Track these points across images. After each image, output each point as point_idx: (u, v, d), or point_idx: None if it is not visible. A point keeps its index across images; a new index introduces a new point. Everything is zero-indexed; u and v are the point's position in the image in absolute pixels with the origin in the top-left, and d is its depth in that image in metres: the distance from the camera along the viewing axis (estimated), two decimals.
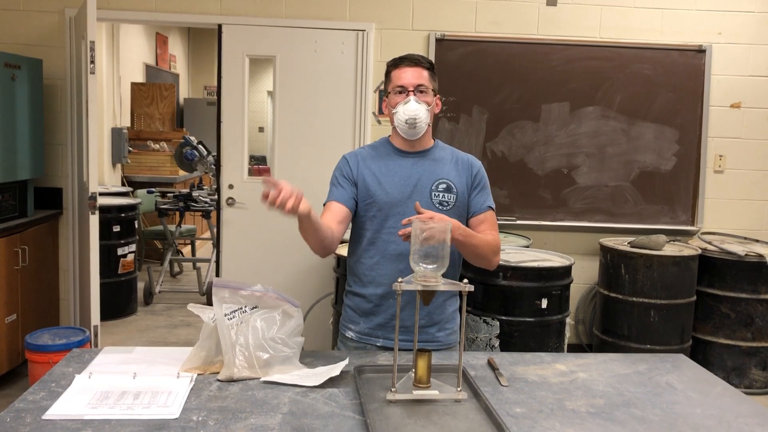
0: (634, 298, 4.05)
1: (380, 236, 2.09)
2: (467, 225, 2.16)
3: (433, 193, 2.10)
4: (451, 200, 2.11)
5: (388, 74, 2.15)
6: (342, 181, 2.14)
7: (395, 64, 2.13)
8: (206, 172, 6.48)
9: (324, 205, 2.17)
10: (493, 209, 2.20)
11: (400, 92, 2.08)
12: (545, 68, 4.44)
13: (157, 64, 8.71)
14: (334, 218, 2.07)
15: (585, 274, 4.58)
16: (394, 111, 2.09)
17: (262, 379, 1.72)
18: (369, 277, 2.12)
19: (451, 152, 2.21)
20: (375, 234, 2.10)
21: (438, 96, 2.16)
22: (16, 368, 3.98)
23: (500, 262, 3.51)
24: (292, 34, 4.31)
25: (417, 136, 2.11)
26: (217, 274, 4.48)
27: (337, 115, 4.37)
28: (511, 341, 3.52)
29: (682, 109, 4.52)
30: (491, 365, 1.92)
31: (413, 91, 2.07)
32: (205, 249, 7.78)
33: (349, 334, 2.17)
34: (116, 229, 5.31)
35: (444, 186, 2.11)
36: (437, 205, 2.09)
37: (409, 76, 2.08)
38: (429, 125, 2.13)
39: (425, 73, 2.10)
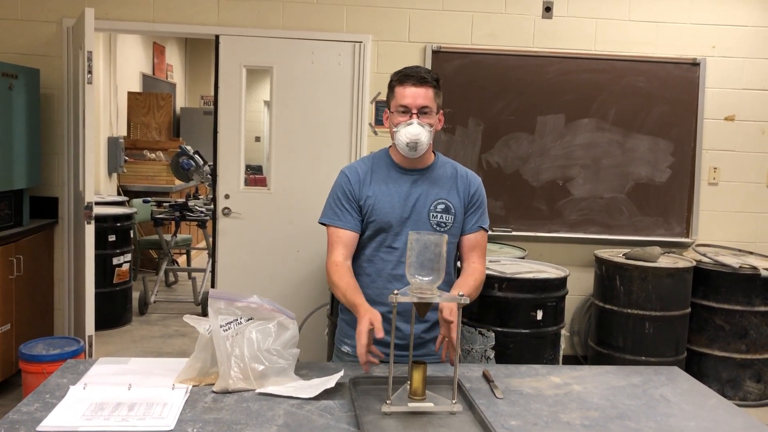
0: (629, 310, 4.06)
1: (378, 255, 2.09)
2: (459, 243, 2.15)
3: (431, 214, 2.08)
4: (449, 221, 2.09)
5: (391, 88, 2.08)
6: (348, 203, 2.10)
7: (400, 80, 2.04)
8: (202, 182, 6.48)
9: (328, 226, 2.12)
10: (486, 230, 2.16)
11: (403, 112, 2.03)
12: (541, 80, 4.47)
13: (154, 73, 8.72)
14: (349, 250, 2.09)
15: (580, 286, 4.59)
16: (395, 129, 2.04)
17: (258, 390, 1.72)
18: (365, 295, 2.11)
19: (452, 168, 2.17)
20: (372, 253, 2.09)
21: (441, 111, 2.11)
22: (9, 378, 3.96)
23: (495, 274, 3.55)
24: (290, 45, 4.33)
25: (417, 156, 2.07)
26: (213, 284, 4.47)
27: (334, 125, 4.39)
28: (506, 353, 3.52)
29: (676, 122, 4.54)
30: (486, 377, 1.92)
31: (417, 113, 2.01)
32: (200, 259, 7.77)
33: (345, 348, 2.17)
34: (112, 238, 5.30)
35: (443, 207, 2.09)
36: (435, 227, 2.07)
37: (413, 96, 2.01)
38: (429, 144, 2.09)
39: (431, 93, 2.02)
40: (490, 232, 2.21)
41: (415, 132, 2.00)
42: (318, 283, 4.31)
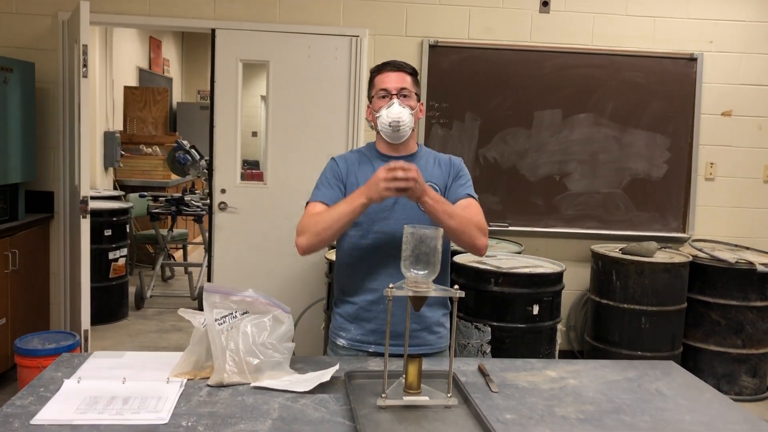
0: (626, 305, 4.06)
1: (367, 243, 2.09)
2: None
3: None
4: None
5: (371, 80, 2.16)
6: (333, 181, 2.13)
7: (378, 69, 2.14)
8: (199, 177, 6.47)
9: (308, 203, 2.12)
10: (474, 198, 2.14)
11: (384, 96, 2.09)
12: (538, 75, 4.46)
13: (150, 68, 8.70)
14: None
15: (576, 281, 4.59)
16: (377, 115, 2.09)
17: (252, 384, 1.72)
18: (357, 284, 2.12)
19: (433, 156, 2.21)
20: (361, 240, 2.10)
21: (421, 102, 2.17)
22: (5, 372, 3.95)
23: (492, 268, 3.55)
24: (286, 39, 4.31)
25: (401, 140, 2.11)
26: (209, 279, 4.47)
27: (331, 120, 4.38)
28: (502, 347, 3.53)
29: (673, 117, 4.54)
30: (482, 371, 1.92)
31: (396, 94, 2.07)
32: (196, 254, 7.76)
33: (340, 341, 2.16)
34: (108, 233, 5.29)
35: None
36: (422, 210, 2.09)
37: (392, 80, 2.09)
38: (413, 130, 2.13)
39: (408, 78, 2.11)
40: None
41: (396, 111, 2.05)
42: (314, 278, 4.30)
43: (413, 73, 2.14)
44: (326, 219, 1.99)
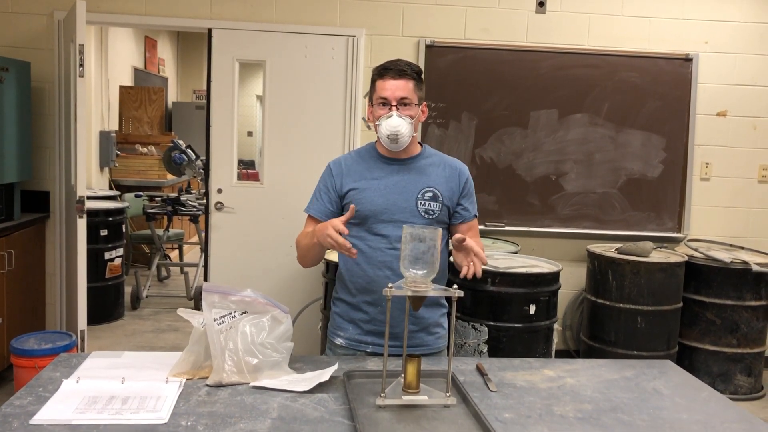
0: (621, 305, 4.08)
1: (367, 244, 2.09)
2: (452, 231, 2.17)
3: (419, 202, 2.09)
4: (437, 209, 2.10)
5: (373, 82, 2.11)
6: (326, 194, 2.14)
7: (380, 74, 2.08)
8: (195, 176, 6.46)
9: (307, 214, 2.19)
10: (477, 216, 2.23)
11: (384, 105, 2.05)
12: (534, 75, 4.47)
13: (145, 67, 8.68)
14: None
15: (573, 281, 4.60)
16: (377, 123, 2.07)
17: (251, 384, 1.72)
18: (356, 284, 2.12)
19: (439, 158, 2.19)
20: (361, 242, 2.10)
21: (425, 103, 2.13)
22: (1, 373, 3.94)
23: (488, 268, 3.56)
24: (283, 39, 4.31)
25: (400, 149, 2.09)
26: (205, 279, 4.46)
27: (327, 120, 4.38)
28: (499, 347, 3.53)
29: (669, 117, 4.56)
30: (480, 371, 1.92)
31: (396, 105, 2.03)
32: (192, 253, 7.75)
33: (339, 341, 2.17)
34: (104, 233, 5.28)
35: (430, 194, 2.10)
36: (423, 214, 2.09)
37: (392, 88, 2.04)
38: (413, 135, 2.11)
39: (410, 84, 2.05)
40: (482, 227, 2.23)
41: (395, 124, 2.03)
42: (311, 277, 4.31)
43: (416, 76, 2.08)
44: (302, 248, 2.13)
